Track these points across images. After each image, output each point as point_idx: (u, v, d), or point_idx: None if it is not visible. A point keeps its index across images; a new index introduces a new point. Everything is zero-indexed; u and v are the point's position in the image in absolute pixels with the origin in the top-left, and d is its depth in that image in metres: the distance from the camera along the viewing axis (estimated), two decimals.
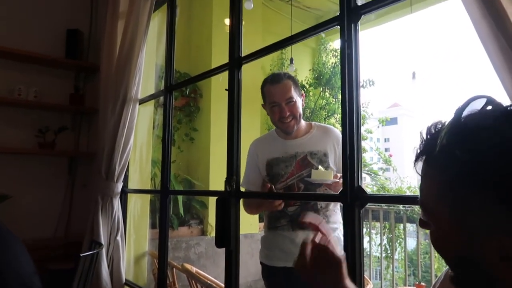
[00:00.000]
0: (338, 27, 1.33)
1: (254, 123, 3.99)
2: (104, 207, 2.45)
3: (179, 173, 3.89)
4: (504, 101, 0.51)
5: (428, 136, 0.51)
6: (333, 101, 4.84)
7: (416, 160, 0.53)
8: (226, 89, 1.77)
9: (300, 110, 1.82)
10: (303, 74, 4.94)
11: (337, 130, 1.87)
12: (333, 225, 1.80)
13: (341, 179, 1.52)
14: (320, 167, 1.75)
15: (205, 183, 3.74)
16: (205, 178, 3.76)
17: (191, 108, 3.93)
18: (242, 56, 1.79)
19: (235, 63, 1.78)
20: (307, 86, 4.80)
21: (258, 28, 3.93)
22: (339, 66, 4.75)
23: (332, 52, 4.92)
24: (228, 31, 1.89)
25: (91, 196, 2.51)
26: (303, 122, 1.88)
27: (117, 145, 2.46)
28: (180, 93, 3.82)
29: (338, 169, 1.80)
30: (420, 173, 0.53)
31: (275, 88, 1.82)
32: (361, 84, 1.34)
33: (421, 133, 0.53)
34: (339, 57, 4.84)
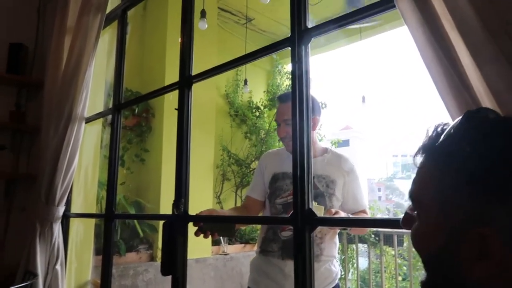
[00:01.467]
0: (289, 48, 1.34)
1: (207, 143, 3.94)
2: (43, 233, 2.28)
3: (128, 195, 3.74)
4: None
5: (434, 133, 0.55)
6: None
7: (417, 153, 0.57)
8: (175, 109, 1.73)
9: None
10: (258, 95, 4.98)
11: (351, 160, 1.87)
12: (326, 257, 1.75)
13: (336, 215, 1.50)
14: (314, 203, 1.73)
15: (156, 206, 3.61)
16: (156, 200, 3.63)
17: (142, 128, 3.82)
18: (193, 74, 1.75)
19: (185, 81, 1.74)
20: (262, 108, 4.84)
21: (213, 49, 3.94)
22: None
23: (286, 74, 5.02)
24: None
25: (28, 222, 2.33)
26: (318, 145, 1.87)
27: (59, 166, 2.31)
28: (131, 112, 3.71)
29: (344, 199, 1.78)
30: (417, 165, 0.56)
31: (280, 107, 1.83)
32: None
33: (427, 130, 0.57)
34: None
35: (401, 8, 0.96)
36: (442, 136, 0.54)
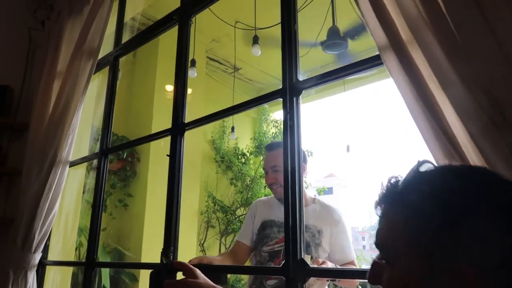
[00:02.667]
0: (281, 99, 1.38)
1: (192, 189, 3.91)
2: (16, 282, 2.16)
3: (108, 242, 3.62)
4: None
5: (389, 184, 0.58)
6: None
7: (378, 204, 0.59)
8: (167, 155, 1.73)
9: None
10: (244, 142, 5.03)
11: (339, 212, 1.89)
12: None
13: (323, 265, 1.52)
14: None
15: (137, 254, 3.50)
16: (137, 248, 3.52)
17: (127, 172, 3.78)
18: (186, 122, 1.78)
19: (178, 129, 1.76)
20: (248, 154, 4.87)
21: (200, 96, 4.01)
22: (280, 136, 4.92)
23: (273, 122, 5.11)
24: (170, 97, 1.89)
25: (0, 269, 2.21)
26: (307, 195, 1.89)
27: (39, 211, 2.24)
28: (116, 156, 3.68)
29: (331, 250, 1.78)
30: (380, 215, 0.58)
31: (267, 155, 1.89)
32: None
33: (382, 183, 0.60)
34: (279, 127, 5.03)
35: (389, 66, 1.01)
36: (401, 184, 0.57)
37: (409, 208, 0.54)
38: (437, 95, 0.89)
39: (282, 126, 4.95)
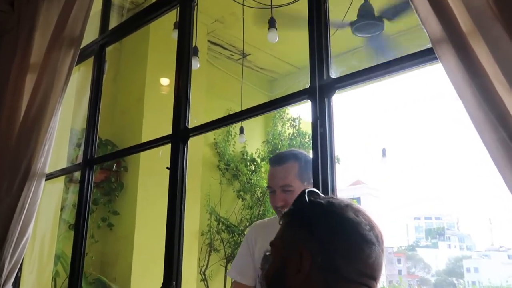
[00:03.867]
0: (309, 101, 1.41)
1: (192, 204, 3.94)
2: None
3: (90, 271, 3.67)
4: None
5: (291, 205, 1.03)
6: None
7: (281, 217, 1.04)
8: (167, 168, 1.77)
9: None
10: (254, 145, 5.06)
11: None
12: None
13: None
14: None
15: (124, 285, 3.54)
16: (125, 277, 3.57)
17: (111, 184, 3.83)
18: (190, 127, 1.81)
19: (180, 135, 1.80)
20: (259, 161, 4.90)
21: (201, 89, 4.05)
22: (299, 138, 4.94)
23: (290, 121, 5.13)
24: (165, 92, 1.93)
25: None
26: None
27: (9, 235, 2.29)
28: (99, 165, 3.73)
29: None
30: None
31: (274, 170, 1.86)
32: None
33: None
34: (297, 127, 5.05)
35: (445, 63, 1.04)
36: (292, 206, 1.02)
37: (287, 219, 1.03)
38: (507, 99, 0.92)
39: (300, 126, 5.03)
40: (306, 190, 1.01)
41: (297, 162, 1.88)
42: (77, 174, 3.00)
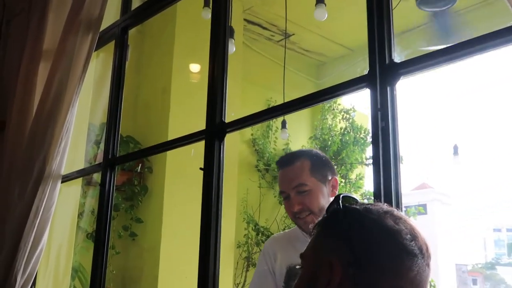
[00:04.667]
0: (368, 89, 1.42)
1: (226, 211, 3.96)
2: None
3: (110, 287, 3.77)
4: None
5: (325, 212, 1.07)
6: (342, 182, 4.92)
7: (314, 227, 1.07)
8: (201, 168, 1.80)
9: (322, 201, 1.89)
10: (300, 142, 5.07)
11: None
12: None
13: None
14: None
15: None
16: None
17: (134, 188, 3.92)
18: (226, 122, 1.84)
19: (216, 131, 1.83)
20: None
21: (237, 77, 4.09)
22: (352, 133, 4.91)
23: (342, 113, 5.11)
24: (196, 81, 1.97)
25: None
26: None
27: (22, 245, 2.38)
28: (119, 166, 3.82)
29: None
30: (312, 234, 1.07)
31: (284, 172, 1.93)
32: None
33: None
34: (351, 120, 5.02)
35: None
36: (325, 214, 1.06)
37: (319, 229, 1.05)
38: None
39: (355, 119, 4.99)
40: (341, 196, 1.04)
41: (309, 159, 1.93)
42: (96, 176, 3.09)
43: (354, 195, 1.08)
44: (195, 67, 3.88)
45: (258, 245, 4.62)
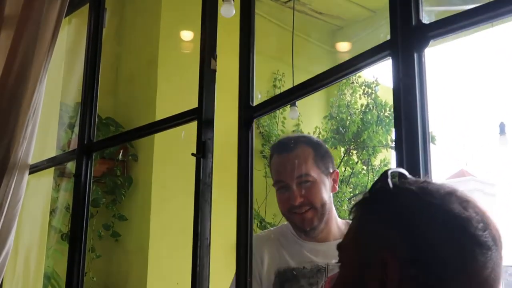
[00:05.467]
0: (390, 58, 1.40)
1: (226, 206, 3.96)
2: None
3: None
4: None
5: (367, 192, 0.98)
6: (363, 169, 4.91)
7: (352, 208, 1.00)
8: (193, 154, 1.81)
9: (325, 195, 1.91)
10: (312, 122, 5.05)
11: None
12: None
13: None
14: None
15: None
16: None
17: (116, 179, 3.91)
18: (254, 105, 1.87)
19: (244, 116, 1.84)
20: None
21: (236, 45, 4.06)
22: (375, 111, 4.88)
23: (363, 88, 5.08)
24: (188, 51, 1.97)
25: None
26: (338, 220, 1.99)
27: None
28: (99, 153, 3.81)
29: None
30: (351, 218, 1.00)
31: (283, 159, 1.95)
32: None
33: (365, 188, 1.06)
34: (373, 96, 4.99)
35: None
36: (372, 190, 0.96)
37: (359, 215, 0.98)
38: None
39: (378, 94, 4.96)
40: (389, 172, 0.94)
41: (311, 146, 1.97)
42: (70, 166, 3.09)
43: (403, 170, 0.99)
44: (186, 35, 3.85)
45: None
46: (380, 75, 4.97)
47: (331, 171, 1.96)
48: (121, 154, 3.92)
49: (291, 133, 4.99)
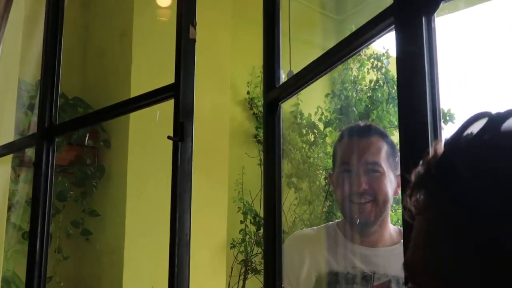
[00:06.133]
0: (393, 27, 1.40)
1: (215, 198, 3.97)
2: None
3: None
4: None
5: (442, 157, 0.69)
6: None
7: (413, 191, 0.72)
8: (169, 137, 1.80)
9: (390, 192, 1.99)
10: (313, 102, 5.04)
11: None
12: None
13: None
14: None
15: None
16: None
17: (86, 169, 3.90)
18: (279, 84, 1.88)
19: (269, 99, 1.86)
20: (322, 127, 4.88)
21: (225, 11, 4.05)
22: (387, 87, 4.88)
23: (372, 60, 5.06)
24: (166, 18, 1.95)
25: None
26: (391, 226, 2.07)
27: None
28: (65, 138, 3.80)
29: None
30: (415, 212, 0.72)
31: (356, 142, 2.04)
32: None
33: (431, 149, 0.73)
34: (384, 70, 4.98)
35: None
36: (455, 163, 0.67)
37: (450, 214, 0.66)
38: None
39: (389, 68, 4.94)
40: (489, 114, 0.69)
41: (383, 140, 2.05)
42: (31, 153, 3.08)
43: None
44: (163, 1, 3.82)
45: (259, 245, 4.63)
46: (392, 46, 4.94)
47: (397, 173, 2.00)
48: (90, 139, 3.90)
49: (290, 114, 5.00)
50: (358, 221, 1.97)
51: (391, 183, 1.98)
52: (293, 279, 2.04)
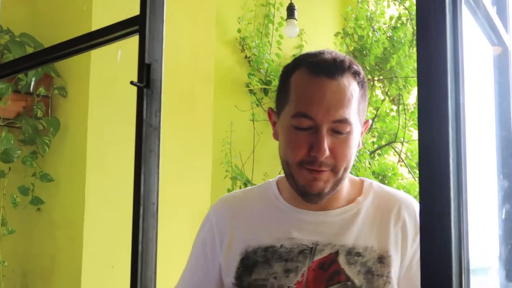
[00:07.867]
0: None
1: (196, 163, 3.99)
2: None
3: (1, 286, 3.82)
4: None
5: None
6: (392, 110, 4.91)
7: None
8: (133, 82, 1.79)
9: (354, 154, 1.89)
10: (320, 43, 5.04)
11: (415, 203, 1.98)
12: None
13: None
14: None
15: None
16: None
17: (37, 123, 3.90)
18: None
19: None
20: None
21: None
22: (411, 26, 4.86)
23: None
24: None
25: None
26: (349, 179, 1.98)
27: None
28: (10, 86, 3.79)
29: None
30: None
31: (319, 85, 1.83)
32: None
33: None
34: (408, 3, 4.96)
35: None
36: None
37: None
38: None
39: (413, 2, 4.91)
40: None
41: (356, 79, 1.86)
42: None
43: None
44: None
45: None
46: None
47: (364, 118, 1.95)
48: (35, 84, 3.89)
49: (292, 58, 4.97)
50: (308, 190, 1.85)
51: (356, 140, 1.88)
52: (209, 256, 2.05)
